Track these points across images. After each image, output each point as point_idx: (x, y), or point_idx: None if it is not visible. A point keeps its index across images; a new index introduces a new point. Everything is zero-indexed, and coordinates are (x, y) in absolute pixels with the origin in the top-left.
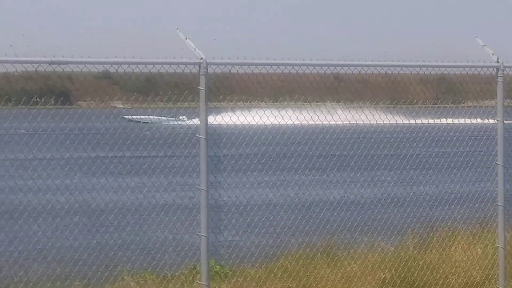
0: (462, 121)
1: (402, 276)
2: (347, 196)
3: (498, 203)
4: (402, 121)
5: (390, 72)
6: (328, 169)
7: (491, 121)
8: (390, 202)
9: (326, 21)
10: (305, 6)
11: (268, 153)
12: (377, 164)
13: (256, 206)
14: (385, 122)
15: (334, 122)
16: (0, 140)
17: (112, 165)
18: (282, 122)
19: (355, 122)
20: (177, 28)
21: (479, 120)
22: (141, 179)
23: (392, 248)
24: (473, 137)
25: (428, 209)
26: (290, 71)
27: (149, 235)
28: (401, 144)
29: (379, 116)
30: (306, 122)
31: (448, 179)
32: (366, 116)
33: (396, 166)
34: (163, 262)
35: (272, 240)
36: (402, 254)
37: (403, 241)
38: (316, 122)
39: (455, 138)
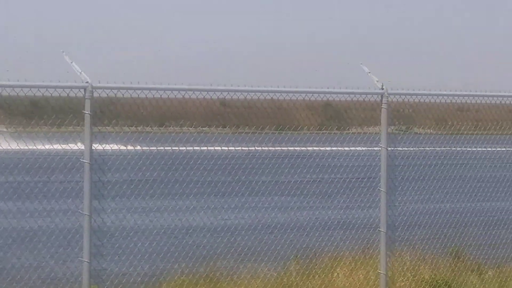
0: (346, 148)
1: None
2: (231, 221)
3: (381, 229)
4: (288, 147)
5: (276, 98)
6: (213, 194)
7: (375, 148)
8: (274, 227)
9: (212, 45)
10: (190, 29)
11: (152, 178)
12: (261, 190)
13: (139, 232)
14: (270, 148)
15: (219, 148)
16: None
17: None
18: (168, 147)
19: (240, 148)
20: (63, 52)
21: (363, 147)
22: (23, 204)
23: (275, 274)
24: (356, 164)
25: (311, 235)
26: (176, 96)
27: (30, 261)
28: (285, 170)
29: (265, 142)
30: (191, 148)
31: (331, 205)
32: (252, 142)
33: (280, 192)
34: (44, 287)
35: (155, 266)
36: (285, 280)
37: (286, 267)
38: (202, 148)
39: (339, 164)
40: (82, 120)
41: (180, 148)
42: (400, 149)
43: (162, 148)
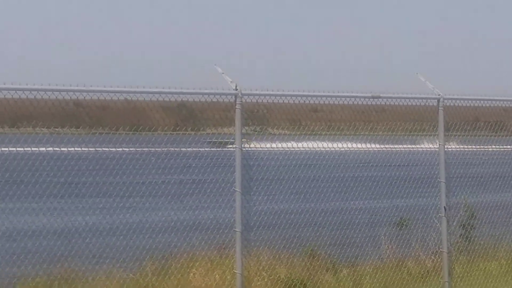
0: (201, 148)
1: None
2: (85, 223)
3: (236, 229)
4: (142, 148)
5: (131, 99)
6: (65, 196)
7: (230, 147)
8: (129, 228)
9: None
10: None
11: (4, 180)
12: (115, 191)
13: None
14: (124, 149)
15: (72, 149)
16: None
17: None
18: (20, 148)
19: (94, 149)
20: None
21: (217, 148)
22: None
23: (131, 275)
24: (211, 164)
25: (166, 236)
26: (28, 96)
27: None
28: (139, 171)
29: (120, 143)
30: (44, 149)
31: (186, 206)
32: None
33: (134, 193)
34: None
35: (8, 268)
36: (141, 280)
37: (141, 268)
38: (54, 148)
39: (193, 165)
40: None
41: (33, 149)
42: (254, 148)
43: (14, 149)
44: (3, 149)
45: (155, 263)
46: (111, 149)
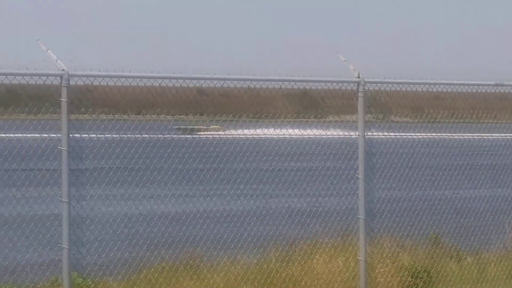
0: (323, 134)
1: None
2: (210, 208)
3: (359, 216)
4: (265, 134)
5: (253, 86)
6: (191, 182)
7: (352, 134)
8: (253, 215)
9: (191, 33)
10: (170, 17)
11: (130, 166)
12: (239, 177)
13: (119, 219)
14: (247, 136)
15: (197, 136)
16: None
17: None
18: (145, 135)
19: (218, 136)
20: (39, 40)
21: (340, 134)
22: (2, 192)
23: (255, 261)
24: (334, 151)
25: (290, 222)
26: (153, 84)
27: (9, 247)
28: (264, 157)
29: (242, 129)
30: (169, 136)
31: (310, 193)
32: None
33: (258, 180)
34: (24, 274)
35: (135, 253)
36: (264, 266)
37: (265, 254)
38: (180, 135)
39: (317, 152)
40: (59, 108)
41: (158, 136)
42: (377, 136)
43: (139, 135)
44: (129, 135)
45: (278, 249)
46: (234, 135)
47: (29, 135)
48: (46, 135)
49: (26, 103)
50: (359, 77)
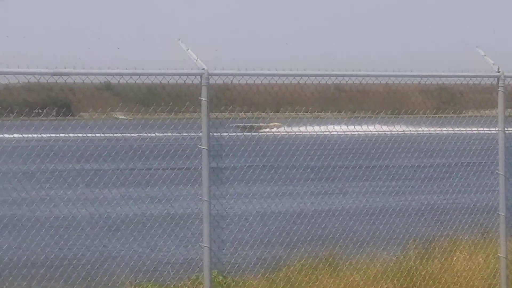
0: (463, 130)
1: (404, 286)
2: (349, 205)
3: (500, 213)
4: (404, 130)
5: (391, 82)
6: (330, 179)
7: (492, 130)
8: (392, 212)
9: (327, 31)
10: (305, 16)
11: (270, 163)
12: (378, 174)
13: (259, 217)
14: (386, 132)
15: (335, 132)
16: (2, 151)
17: (115, 177)
18: (284, 132)
19: (356, 132)
20: (179, 39)
21: (479, 129)
22: (144, 190)
23: (394, 258)
24: (474, 147)
25: (429, 219)
26: (292, 82)
27: (151, 246)
28: (402, 154)
29: (380, 126)
30: (308, 133)
31: (449, 189)
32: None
33: (397, 177)
34: (166, 273)
35: (274, 251)
36: (404, 264)
37: (404, 251)
38: (318, 132)
39: (456, 148)
40: (199, 107)
41: (297, 132)
42: None
43: (278, 133)
44: (268, 133)
45: (418, 246)
46: (372, 132)
47: (169, 134)
48: (186, 134)
49: (167, 102)
50: (499, 71)
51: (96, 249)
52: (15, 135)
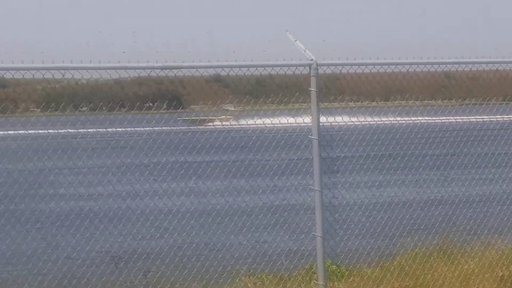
0: None
1: None
2: (462, 194)
3: None
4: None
5: (502, 69)
6: (442, 167)
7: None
8: (506, 199)
9: (436, 19)
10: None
11: (380, 152)
12: (490, 161)
13: (371, 206)
14: (498, 119)
15: (446, 120)
16: (115, 145)
17: (226, 168)
18: (394, 121)
19: (467, 119)
20: (287, 31)
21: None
22: (256, 181)
23: (510, 245)
24: None
25: None
26: (401, 70)
27: (264, 237)
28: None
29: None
30: (419, 121)
31: None
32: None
33: (504, 164)
34: (279, 262)
35: (387, 239)
36: None
37: None
38: (429, 121)
39: None
40: (308, 97)
41: (407, 120)
42: None
43: (388, 121)
44: (378, 121)
45: None
46: (484, 119)
47: (279, 124)
48: (296, 124)
49: (276, 93)
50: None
51: (209, 240)
52: (128, 129)
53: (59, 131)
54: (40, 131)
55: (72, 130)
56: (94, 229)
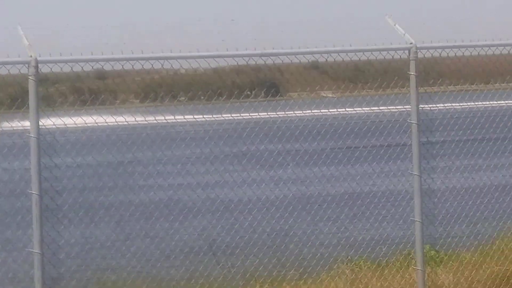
0: None
1: None
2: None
3: None
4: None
5: None
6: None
7: None
8: None
9: None
10: None
11: (480, 136)
12: None
13: (470, 190)
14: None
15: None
16: (214, 134)
17: (324, 154)
18: (495, 104)
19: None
20: (386, 15)
21: None
22: (354, 168)
23: None
24: None
25: None
26: (502, 52)
27: (363, 222)
28: None
29: None
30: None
31: None
32: None
33: None
34: (378, 248)
35: (487, 223)
36: None
37: None
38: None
39: None
40: (407, 82)
41: (508, 103)
42: None
43: (489, 104)
44: (478, 105)
45: None
46: None
47: (377, 109)
48: (395, 109)
49: (374, 78)
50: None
51: (308, 227)
52: (225, 116)
53: (157, 119)
54: (138, 120)
55: (170, 118)
56: (189, 219)
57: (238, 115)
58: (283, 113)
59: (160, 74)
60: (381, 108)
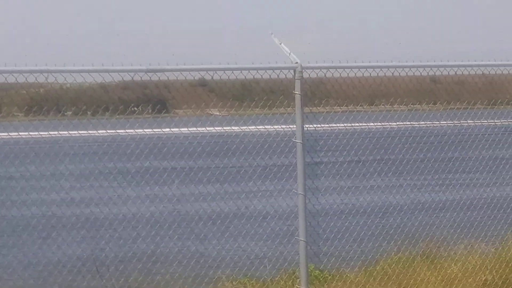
0: None
1: (503, 277)
2: (445, 198)
3: None
4: (501, 122)
5: (488, 72)
6: (426, 172)
7: None
8: (490, 203)
9: (420, 20)
10: (395, 5)
11: (364, 157)
12: (475, 166)
13: (354, 210)
14: (483, 123)
15: (431, 124)
16: (97, 149)
17: (210, 173)
18: (379, 126)
19: (452, 123)
20: (272, 33)
21: None
22: (239, 186)
23: (493, 250)
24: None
25: None
26: (386, 74)
27: (247, 241)
28: (499, 145)
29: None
30: (403, 125)
31: None
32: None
33: (494, 167)
34: (262, 267)
35: (370, 244)
36: (503, 255)
37: (503, 242)
38: (414, 125)
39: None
40: (293, 101)
41: (392, 125)
42: None
43: (373, 125)
44: (362, 125)
45: None
46: (469, 123)
47: (263, 128)
48: (280, 128)
49: (261, 97)
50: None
51: (192, 245)
52: (109, 132)
53: (41, 134)
54: (22, 134)
55: (54, 133)
56: (70, 235)
57: (123, 131)
58: (168, 129)
59: (45, 88)
60: (266, 127)
